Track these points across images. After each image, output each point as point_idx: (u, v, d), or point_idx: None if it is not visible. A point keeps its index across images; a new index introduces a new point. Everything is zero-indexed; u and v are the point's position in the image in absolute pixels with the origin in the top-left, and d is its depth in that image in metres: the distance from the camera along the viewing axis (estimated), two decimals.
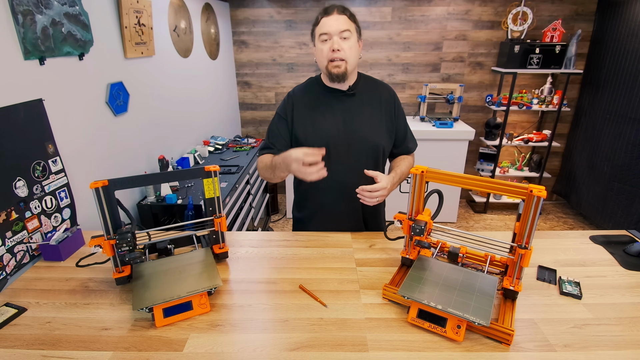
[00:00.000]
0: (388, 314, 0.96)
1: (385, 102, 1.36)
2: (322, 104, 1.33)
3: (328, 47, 1.22)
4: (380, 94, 1.36)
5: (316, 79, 1.38)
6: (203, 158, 2.59)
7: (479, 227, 3.52)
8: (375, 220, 1.44)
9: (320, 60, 1.27)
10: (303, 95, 1.36)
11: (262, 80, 3.75)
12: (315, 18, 1.27)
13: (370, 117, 1.33)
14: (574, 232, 1.40)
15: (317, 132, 1.31)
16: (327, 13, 1.23)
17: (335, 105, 1.32)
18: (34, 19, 1.25)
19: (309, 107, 1.34)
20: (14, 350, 0.85)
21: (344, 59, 1.22)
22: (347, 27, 1.22)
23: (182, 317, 0.94)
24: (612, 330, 0.89)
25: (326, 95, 1.33)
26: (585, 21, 3.36)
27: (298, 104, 1.35)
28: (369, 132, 1.32)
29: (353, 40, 1.24)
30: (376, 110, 1.34)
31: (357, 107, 1.33)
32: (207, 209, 1.15)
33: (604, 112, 3.18)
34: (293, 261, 1.20)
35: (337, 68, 1.23)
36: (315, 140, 1.30)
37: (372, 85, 1.38)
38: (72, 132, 1.48)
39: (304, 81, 1.42)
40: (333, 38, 1.21)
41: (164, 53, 2.26)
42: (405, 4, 3.41)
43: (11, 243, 1.15)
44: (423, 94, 3.46)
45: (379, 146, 1.33)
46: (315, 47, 1.28)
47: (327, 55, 1.23)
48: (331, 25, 1.21)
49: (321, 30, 1.23)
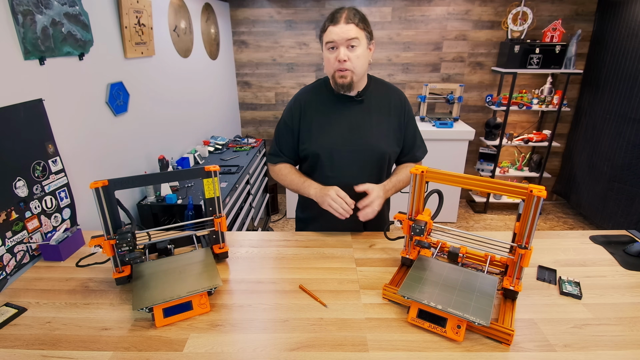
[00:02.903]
0: (388, 314, 0.96)
1: (395, 108, 1.33)
2: (329, 109, 1.32)
3: (334, 56, 1.19)
4: (390, 100, 1.34)
5: (324, 82, 1.35)
6: (203, 158, 2.59)
7: (479, 227, 3.52)
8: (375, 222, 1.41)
9: (327, 68, 1.25)
10: (310, 98, 1.35)
11: (262, 80, 3.75)
12: (323, 24, 1.22)
13: (377, 124, 1.31)
14: (574, 232, 1.40)
15: (323, 138, 1.30)
16: (334, 21, 1.17)
17: (343, 111, 1.31)
18: (34, 19, 1.25)
19: (316, 112, 1.32)
20: (14, 350, 0.85)
21: (350, 70, 1.19)
22: (355, 35, 1.16)
23: (182, 317, 0.94)
24: (612, 330, 0.89)
25: (334, 101, 1.31)
26: (585, 21, 3.37)
27: (305, 108, 1.33)
28: (376, 139, 1.30)
29: (361, 48, 1.19)
30: (384, 116, 1.32)
31: (365, 113, 1.31)
32: (207, 209, 1.15)
33: (604, 112, 3.18)
34: (293, 261, 1.20)
35: (342, 79, 1.21)
36: (320, 146, 1.30)
37: (382, 91, 1.35)
38: (72, 132, 1.48)
39: (313, 82, 1.40)
40: (340, 48, 1.17)
41: (164, 53, 2.26)
42: (405, 4, 3.41)
43: (11, 243, 1.15)
44: (423, 94, 3.47)
45: (385, 154, 1.31)
46: (323, 54, 1.25)
47: (334, 65, 1.20)
48: (337, 34, 1.16)
49: (327, 38, 1.18)
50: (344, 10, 1.18)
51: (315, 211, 1.40)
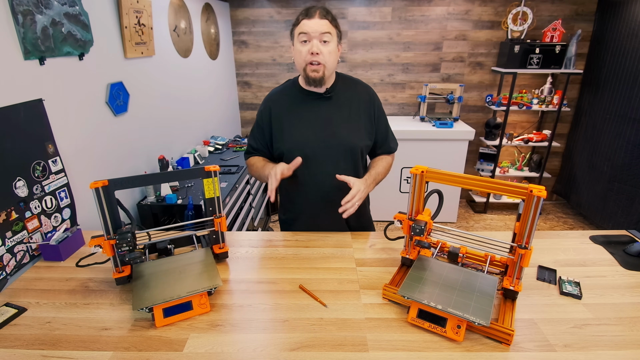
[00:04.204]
0: (388, 314, 0.96)
1: (364, 103, 1.34)
2: (299, 107, 1.32)
3: (307, 49, 1.20)
4: (358, 95, 1.35)
5: (293, 82, 1.37)
6: (203, 158, 2.59)
7: (479, 227, 3.52)
8: (358, 220, 1.42)
9: (298, 61, 1.25)
10: (280, 98, 1.36)
11: (262, 80, 3.75)
12: (296, 18, 1.23)
13: (347, 120, 1.32)
14: (574, 232, 1.40)
15: (294, 136, 1.31)
16: (309, 15, 1.19)
17: (313, 108, 1.32)
18: (34, 19, 1.25)
19: (286, 111, 1.33)
20: (14, 350, 0.85)
21: (322, 63, 1.21)
22: (328, 30, 1.19)
23: (182, 317, 0.94)
24: (612, 330, 0.89)
25: (303, 99, 1.32)
26: (585, 21, 3.37)
27: (275, 108, 1.34)
28: (347, 134, 1.31)
29: (333, 45, 1.22)
30: (354, 112, 1.33)
31: (335, 110, 1.32)
32: (207, 209, 1.15)
33: (604, 112, 3.18)
34: (293, 261, 1.20)
35: (314, 72, 1.22)
36: (293, 144, 1.30)
37: (350, 87, 1.36)
38: (72, 132, 1.48)
39: (282, 83, 1.41)
40: (313, 41, 1.19)
41: (164, 53, 2.26)
42: (405, 4, 3.41)
43: (11, 243, 1.15)
44: (423, 94, 3.46)
45: (356, 148, 1.32)
46: (294, 47, 1.25)
47: (306, 58, 1.21)
48: (311, 27, 1.18)
49: (301, 30, 1.19)
50: (318, 7, 1.22)
51: (296, 212, 1.41)
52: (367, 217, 1.50)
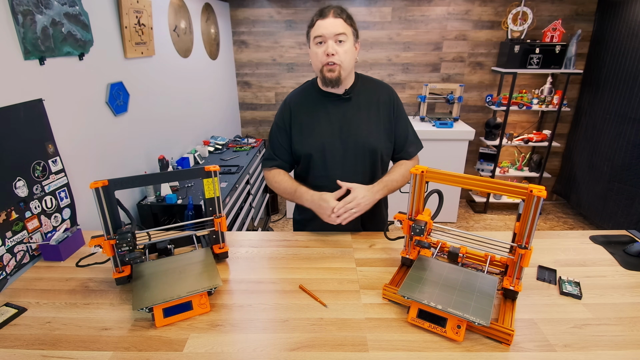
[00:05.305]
0: (388, 314, 0.96)
1: (383, 104, 1.33)
2: (318, 109, 1.32)
3: (322, 50, 1.20)
4: (378, 96, 1.33)
5: (312, 83, 1.36)
6: (203, 158, 2.59)
7: (479, 227, 3.52)
8: (373, 222, 1.42)
9: (314, 63, 1.25)
10: (299, 100, 1.35)
11: (262, 80, 3.75)
12: (311, 19, 1.23)
13: (366, 121, 1.31)
14: (574, 232, 1.40)
15: (313, 137, 1.30)
16: (323, 15, 1.19)
17: (331, 110, 1.31)
18: (34, 19, 1.25)
19: (305, 113, 1.32)
20: (14, 350, 0.85)
21: (338, 64, 1.20)
22: (343, 30, 1.18)
23: (182, 317, 0.94)
24: (612, 330, 0.89)
25: (322, 100, 1.32)
26: (585, 21, 3.37)
27: (295, 110, 1.34)
28: (365, 136, 1.30)
29: (349, 44, 1.21)
30: (373, 113, 1.32)
31: (354, 111, 1.31)
32: (207, 209, 1.15)
33: (604, 112, 3.18)
34: (293, 261, 1.20)
35: (331, 72, 1.21)
36: (311, 146, 1.30)
37: (370, 87, 1.35)
38: (72, 132, 1.48)
39: (301, 85, 1.41)
40: (328, 42, 1.18)
41: (164, 53, 2.26)
42: (405, 4, 3.41)
43: (11, 243, 1.15)
44: (423, 94, 3.46)
45: (376, 150, 1.31)
46: (310, 49, 1.25)
47: (322, 59, 1.21)
48: (326, 28, 1.17)
49: (316, 32, 1.19)
50: (332, 7, 1.21)
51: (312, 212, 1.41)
52: (381, 218, 1.47)
